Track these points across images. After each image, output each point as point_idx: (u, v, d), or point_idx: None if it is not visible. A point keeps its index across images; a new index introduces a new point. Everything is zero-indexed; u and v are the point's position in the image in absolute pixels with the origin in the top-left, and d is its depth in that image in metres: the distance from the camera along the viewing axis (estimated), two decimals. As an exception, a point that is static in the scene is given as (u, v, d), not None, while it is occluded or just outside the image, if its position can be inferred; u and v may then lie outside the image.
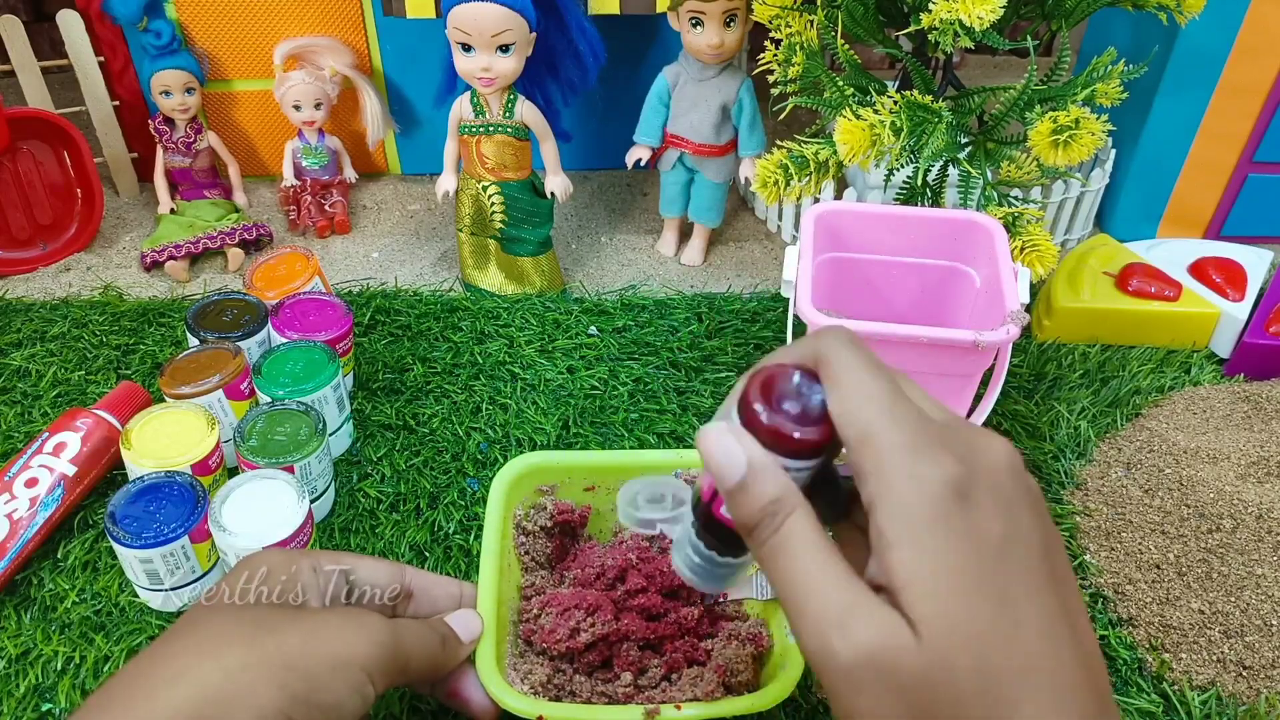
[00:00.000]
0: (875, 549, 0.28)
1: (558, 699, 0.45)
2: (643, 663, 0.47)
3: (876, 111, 0.63)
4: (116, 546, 0.53)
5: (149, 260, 0.85)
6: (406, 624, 0.41)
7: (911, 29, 0.64)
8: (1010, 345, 0.58)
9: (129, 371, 0.73)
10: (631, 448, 0.66)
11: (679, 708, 0.43)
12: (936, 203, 0.72)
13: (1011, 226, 0.66)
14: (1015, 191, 0.74)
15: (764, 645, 0.47)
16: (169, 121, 0.89)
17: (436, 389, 0.71)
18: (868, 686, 0.27)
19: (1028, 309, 0.70)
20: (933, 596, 0.27)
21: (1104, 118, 0.61)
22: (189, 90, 0.87)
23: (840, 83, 0.67)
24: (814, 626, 0.28)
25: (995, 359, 0.60)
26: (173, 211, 0.89)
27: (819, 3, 0.70)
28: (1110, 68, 0.64)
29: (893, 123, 0.62)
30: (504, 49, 0.70)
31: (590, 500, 0.54)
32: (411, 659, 0.40)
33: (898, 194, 0.72)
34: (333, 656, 0.37)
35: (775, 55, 0.73)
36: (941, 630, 0.27)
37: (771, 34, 0.73)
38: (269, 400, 0.62)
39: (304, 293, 0.70)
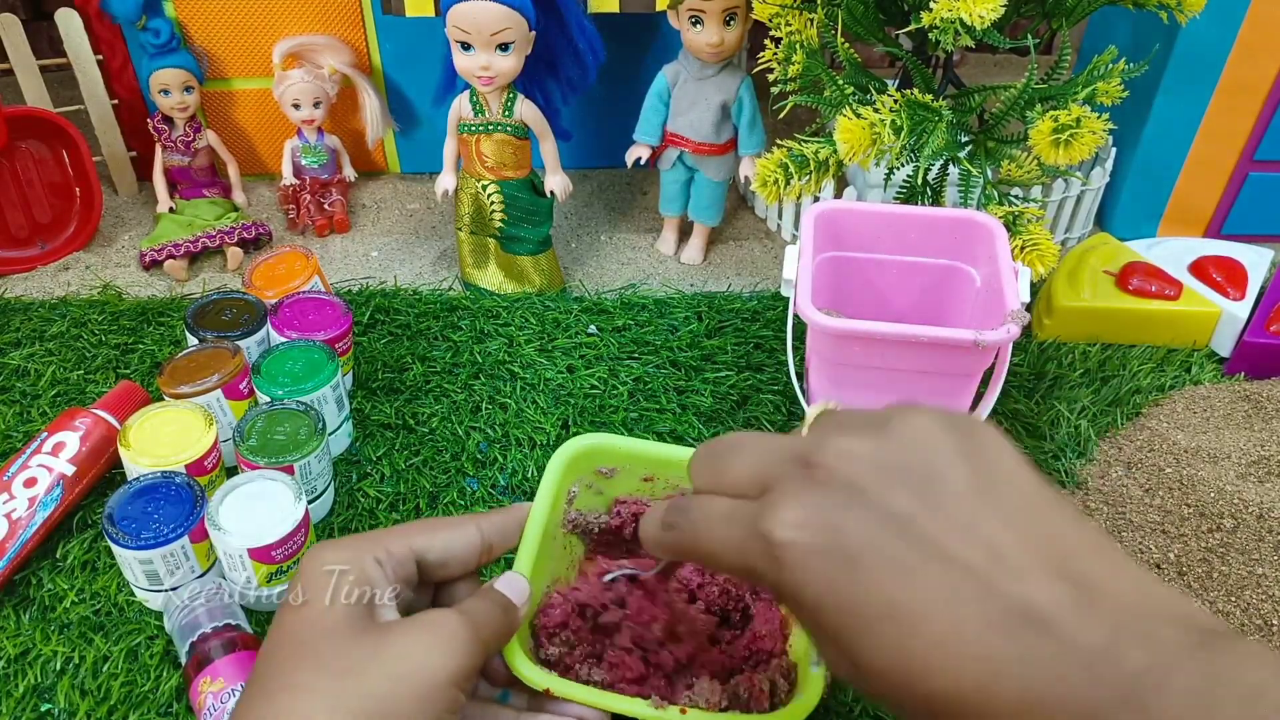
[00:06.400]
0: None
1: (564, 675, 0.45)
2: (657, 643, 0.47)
3: (876, 110, 0.63)
4: (115, 548, 0.53)
5: (148, 259, 0.85)
6: (475, 608, 0.40)
7: (912, 27, 0.64)
8: (1010, 344, 0.58)
9: (128, 371, 0.73)
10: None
11: (684, 711, 0.43)
12: (937, 202, 0.72)
13: (1012, 225, 0.66)
14: (1015, 190, 0.74)
15: (789, 679, 0.47)
16: (168, 120, 0.89)
17: (436, 388, 0.71)
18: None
19: (1028, 308, 0.70)
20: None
21: (1104, 116, 0.61)
22: (188, 89, 0.87)
23: (840, 81, 0.67)
24: None
25: (995, 358, 0.60)
26: (172, 210, 0.89)
27: (819, 1, 0.70)
28: (1111, 66, 0.63)
29: (893, 121, 0.62)
30: (503, 47, 0.70)
31: (647, 491, 0.54)
32: (490, 646, 0.39)
33: (898, 193, 0.72)
34: (420, 686, 0.35)
35: (775, 54, 0.72)
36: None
37: (771, 32, 0.73)
38: (268, 400, 0.62)
39: (303, 292, 0.70)
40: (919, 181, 0.69)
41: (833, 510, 0.29)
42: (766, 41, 0.73)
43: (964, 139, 0.68)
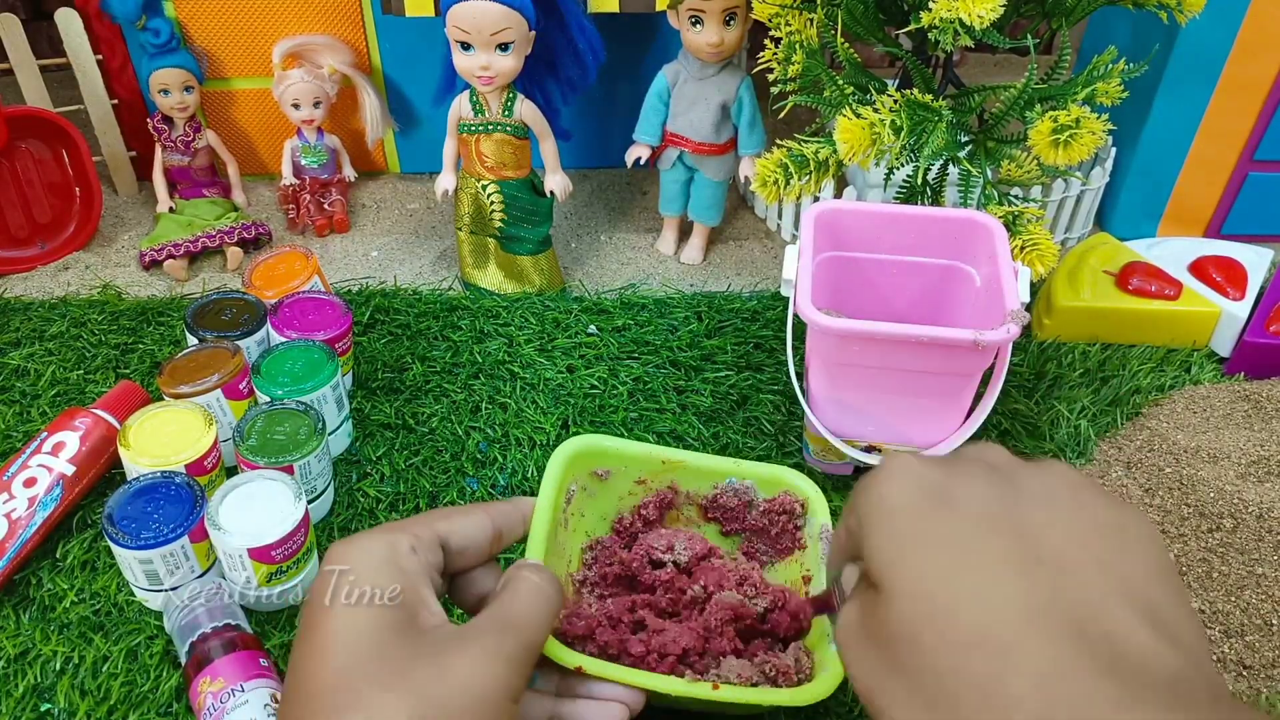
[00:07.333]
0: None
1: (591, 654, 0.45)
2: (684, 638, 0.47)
3: (876, 110, 0.63)
4: (115, 548, 0.53)
5: (148, 259, 0.85)
6: (516, 611, 0.39)
7: (911, 27, 0.64)
8: (1010, 344, 0.58)
9: (128, 370, 0.73)
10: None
11: (716, 686, 0.43)
12: (937, 201, 0.72)
13: (1012, 225, 0.66)
14: (1015, 190, 0.74)
15: (810, 658, 0.47)
16: (167, 120, 0.89)
17: (435, 388, 0.71)
18: (852, 647, 0.33)
19: (1028, 308, 0.70)
20: (895, 564, 0.31)
21: (1104, 116, 0.61)
22: (187, 89, 0.87)
23: (840, 81, 0.67)
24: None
25: (995, 358, 0.60)
26: (171, 210, 0.89)
27: (819, 1, 0.70)
28: (1111, 66, 0.63)
29: (893, 121, 0.62)
30: (503, 47, 0.70)
31: (641, 493, 0.54)
32: (538, 649, 0.39)
33: (898, 193, 0.72)
34: (484, 707, 0.35)
35: (775, 54, 0.72)
36: (901, 589, 0.30)
37: (771, 32, 0.73)
38: (268, 400, 0.62)
39: (303, 292, 0.70)
40: (919, 181, 0.69)
41: (949, 468, 0.33)
42: (766, 41, 0.73)
43: (964, 139, 0.68)
